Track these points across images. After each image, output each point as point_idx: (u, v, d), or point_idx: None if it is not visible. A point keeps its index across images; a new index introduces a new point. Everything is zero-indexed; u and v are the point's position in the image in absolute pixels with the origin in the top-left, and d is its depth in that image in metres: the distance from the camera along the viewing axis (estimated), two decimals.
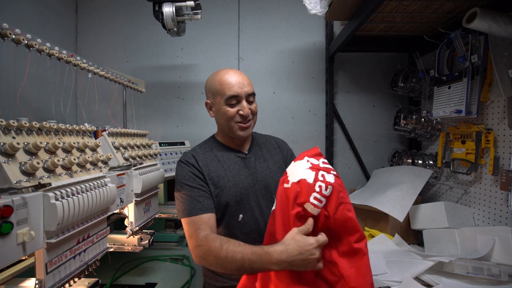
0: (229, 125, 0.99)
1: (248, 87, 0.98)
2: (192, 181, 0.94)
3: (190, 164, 0.97)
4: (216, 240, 0.80)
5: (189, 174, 0.96)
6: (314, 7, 1.39)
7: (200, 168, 0.97)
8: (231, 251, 0.76)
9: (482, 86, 1.23)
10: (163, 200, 1.82)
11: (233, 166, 1.02)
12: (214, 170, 0.98)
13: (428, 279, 1.02)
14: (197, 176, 0.96)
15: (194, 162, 0.98)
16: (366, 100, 1.97)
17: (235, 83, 0.96)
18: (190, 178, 0.95)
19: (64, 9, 1.88)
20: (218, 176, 0.98)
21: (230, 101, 0.96)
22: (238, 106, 0.97)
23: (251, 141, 1.11)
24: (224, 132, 1.04)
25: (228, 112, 0.97)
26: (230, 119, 0.97)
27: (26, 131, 0.70)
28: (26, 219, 0.61)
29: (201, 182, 0.95)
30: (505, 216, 1.18)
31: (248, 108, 0.97)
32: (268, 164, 1.07)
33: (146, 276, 1.21)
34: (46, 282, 0.67)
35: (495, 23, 1.07)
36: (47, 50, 0.84)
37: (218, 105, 0.99)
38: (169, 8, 1.27)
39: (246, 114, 0.96)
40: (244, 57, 1.99)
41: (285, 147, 1.16)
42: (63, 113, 0.97)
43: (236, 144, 1.06)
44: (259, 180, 1.02)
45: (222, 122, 1.00)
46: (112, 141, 1.04)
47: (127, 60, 2.01)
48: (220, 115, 0.99)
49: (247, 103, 0.97)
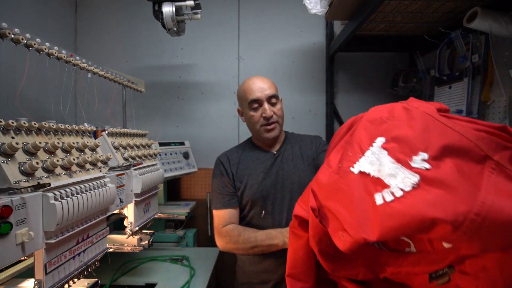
0: (255, 129, 1.09)
1: (268, 90, 1.05)
2: (220, 179, 1.10)
3: (221, 164, 1.12)
4: (234, 230, 1.01)
5: (219, 174, 1.11)
6: (314, 6, 1.38)
7: (230, 167, 1.10)
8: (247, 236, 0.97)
9: (483, 86, 1.22)
10: (163, 200, 1.82)
11: (259, 165, 1.10)
12: (242, 169, 1.10)
13: None
14: (225, 175, 1.10)
15: (225, 161, 1.12)
16: (366, 100, 1.97)
17: (256, 88, 1.05)
18: (219, 175, 1.10)
19: (63, 9, 1.88)
20: (245, 174, 1.09)
21: (252, 105, 1.06)
22: (261, 110, 1.05)
23: (282, 141, 1.18)
24: (254, 135, 1.16)
25: (253, 117, 1.07)
26: (256, 123, 1.07)
27: (25, 131, 0.69)
28: (25, 219, 0.60)
29: (228, 180, 1.09)
30: None
31: (271, 110, 1.05)
32: (296, 163, 1.11)
33: (145, 276, 1.21)
34: (45, 283, 0.67)
35: (496, 23, 1.07)
36: (47, 49, 0.84)
37: (245, 110, 1.10)
38: (169, 7, 1.27)
39: (268, 116, 1.04)
40: (244, 57, 1.98)
41: (317, 141, 1.20)
42: (63, 113, 0.97)
43: (266, 145, 1.15)
44: (283, 179, 1.08)
45: (250, 126, 1.12)
46: (112, 141, 1.04)
47: (126, 60, 2.01)
48: (248, 120, 1.11)
49: (269, 105, 1.05)
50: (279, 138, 1.16)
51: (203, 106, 2.00)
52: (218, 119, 2.00)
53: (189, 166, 1.79)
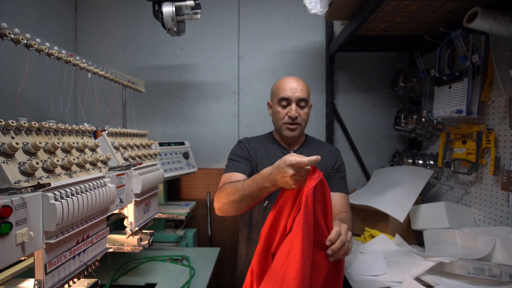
0: (278, 124, 1.14)
1: (300, 93, 1.10)
2: (239, 153, 1.16)
3: (242, 143, 1.20)
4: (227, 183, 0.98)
5: (239, 148, 1.18)
6: (314, 6, 1.38)
7: (249, 148, 1.17)
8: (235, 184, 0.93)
9: (483, 86, 1.22)
10: (163, 200, 1.82)
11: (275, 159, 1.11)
12: (260, 156, 1.16)
13: (428, 280, 1.02)
14: (244, 151, 1.17)
15: (246, 143, 1.19)
16: (366, 100, 1.97)
17: (289, 87, 1.10)
18: (238, 151, 1.17)
19: (63, 9, 1.88)
20: (260, 162, 1.14)
21: (282, 102, 1.11)
22: (288, 108, 1.10)
23: (302, 143, 1.22)
24: (276, 130, 1.20)
25: (279, 113, 1.12)
26: (280, 119, 1.12)
27: (25, 131, 0.69)
28: (25, 219, 0.60)
29: (246, 155, 1.15)
30: (506, 216, 1.18)
31: (297, 111, 1.10)
32: None
33: (145, 276, 1.21)
34: (45, 283, 0.67)
35: (496, 23, 1.07)
36: (47, 49, 0.84)
37: (273, 105, 1.16)
38: (169, 7, 1.27)
39: (293, 116, 1.09)
40: (244, 57, 1.98)
41: (336, 157, 1.20)
42: (63, 113, 0.97)
43: (286, 143, 1.20)
44: None
45: (274, 120, 1.17)
46: (112, 141, 1.04)
47: (126, 60, 2.01)
48: (274, 114, 1.17)
49: (297, 107, 1.10)
50: (299, 139, 1.21)
51: (203, 106, 2.00)
52: (218, 119, 2.00)
53: (189, 166, 1.80)
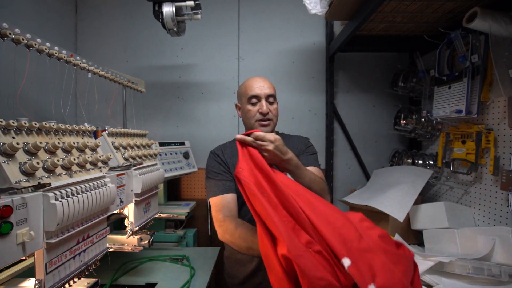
0: (250, 123, 1.14)
1: (268, 89, 1.13)
2: (217, 169, 1.13)
3: (216, 155, 1.17)
4: (232, 222, 0.98)
5: (215, 163, 1.15)
6: (314, 7, 1.38)
7: (225, 159, 1.15)
8: (244, 233, 0.93)
9: (482, 86, 1.22)
10: (163, 200, 1.82)
11: None
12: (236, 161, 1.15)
13: (428, 279, 1.02)
14: (221, 164, 1.14)
15: (220, 154, 1.17)
16: (366, 100, 1.97)
17: (256, 86, 1.12)
18: (216, 166, 1.14)
19: (64, 9, 1.88)
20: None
21: (251, 100, 1.12)
22: (258, 105, 1.12)
23: None
24: (248, 129, 1.18)
25: (250, 111, 1.13)
26: (252, 117, 1.13)
27: (26, 131, 0.69)
28: (25, 219, 0.60)
29: (224, 169, 1.13)
30: (505, 216, 1.18)
31: (268, 107, 1.11)
32: None
33: (146, 276, 1.21)
34: (45, 282, 0.67)
35: (496, 23, 1.07)
36: (47, 50, 0.84)
37: (243, 105, 1.16)
38: (169, 8, 1.27)
39: (264, 111, 1.10)
40: (244, 57, 1.99)
41: (304, 142, 1.23)
42: (63, 113, 0.97)
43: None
44: None
45: (246, 120, 1.17)
46: (112, 141, 1.04)
47: (127, 60, 2.01)
48: (244, 114, 1.16)
49: (266, 103, 1.12)
50: None
51: (203, 106, 2.00)
52: (218, 119, 2.00)
53: (189, 166, 1.80)
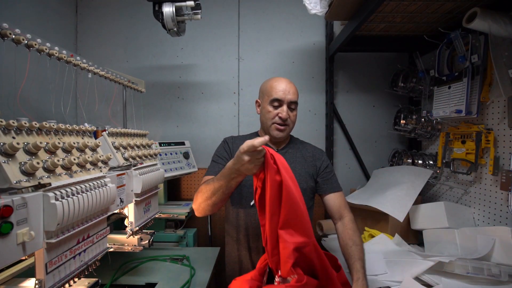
0: (267, 124, 1.14)
1: (292, 95, 1.11)
2: (221, 154, 1.18)
3: (226, 143, 1.22)
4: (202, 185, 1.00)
5: (222, 149, 1.20)
6: (314, 7, 1.39)
7: (232, 148, 1.19)
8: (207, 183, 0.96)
9: (482, 86, 1.23)
10: (163, 200, 1.82)
11: None
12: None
13: (428, 279, 1.02)
14: (226, 151, 1.18)
15: (230, 142, 1.21)
16: (366, 100, 1.97)
17: (282, 89, 1.11)
18: (221, 151, 1.19)
19: (64, 9, 1.88)
20: None
21: (273, 103, 1.12)
22: (279, 109, 1.11)
23: (287, 143, 1.24)
24: (263, 129, 1.20)
25: (269, 113, 1.13)
26: (270, 118, 1.13)
27: (26, 131, 0.69)
28: (26, 219, 0.60)
29: (227, 156, 1.16)
30: (505, 216, 1.18)
31: (287, 113, 1.11)
32: (294, 166, 1.15)
33: (146, 276, 1.21)
34: (46, 282, 0.67)
35: (495, 23, 1.07)
36: (47, 50, 0.84)
37: (263, 103, 1.16)
38: (169, 8, 1.27)
39: (284, 117, 1.10)
40: (244, 57, 1.99)
41: (320, 158, 1.21)
42: (63, 113, 0.97)
43: (271, 142, 1.20)
44: None
45: (263, 120, 1.17)
46: (112, 141, 1.04)
47: (127, 60, 2.01)
48: (263, 113, 1.16)
49: (288, 109, 1.12)
50: (284, 140, 1.22)
51: (203, 106, 2.00)
52: (218, 119, 2.00)
53: (189, 166, 1.80)
